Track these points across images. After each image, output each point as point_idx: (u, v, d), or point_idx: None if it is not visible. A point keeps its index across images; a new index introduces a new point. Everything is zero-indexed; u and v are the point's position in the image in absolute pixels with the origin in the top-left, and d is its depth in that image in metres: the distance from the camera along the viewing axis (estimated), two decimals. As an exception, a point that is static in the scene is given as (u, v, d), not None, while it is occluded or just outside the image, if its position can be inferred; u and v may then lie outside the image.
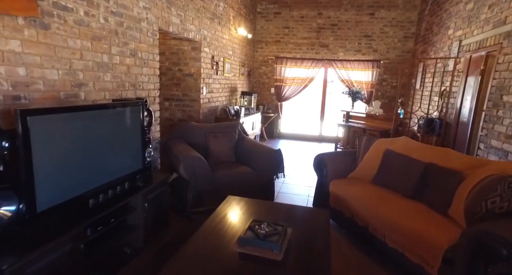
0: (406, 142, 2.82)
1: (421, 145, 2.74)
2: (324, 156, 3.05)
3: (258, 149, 3.27)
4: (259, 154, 3.19)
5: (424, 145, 2.72)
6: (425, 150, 2.65)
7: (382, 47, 6.62)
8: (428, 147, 2.68)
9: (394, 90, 6.74)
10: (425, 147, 2.68)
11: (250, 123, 5.70)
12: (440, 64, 4.63)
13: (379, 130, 5.15)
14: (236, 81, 6.06)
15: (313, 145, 6.90)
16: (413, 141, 2.82)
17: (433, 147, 2.65)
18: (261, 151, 3.21)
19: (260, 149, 3.26)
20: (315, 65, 6.94)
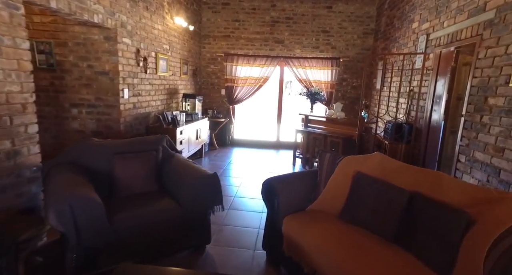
0: (381, 161, 2.12)
1: (400, 165, 2.06)
2: (275, 182, 2.26)
3: (187, 175, 2.38)
4: (187, 182, 2.30)
5: (405, 166, 2.04)
6: (407, 172, 1.97)
7: (341, 44, 6.08)
8: (410, 169, 2.00)
9: (355, 90, 6.24)
10: (407, 169, 2.00)
11: (194, 131, 4.78)
12: (406, 61, 4.12)
13: (342, 136, 4.53)
14: (176, 81, 5.09)
15: (269, 154, 6.15)
16: (390, 160, 2.13)
17: (417, 169, 1.98)
18: (190, 178, 2.33)
19: (188, 175, 2.37)
20: (269, 63, 6.21)
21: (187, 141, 4.47)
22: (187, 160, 2.68)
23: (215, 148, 6.26)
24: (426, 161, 3.58)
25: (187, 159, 2.69)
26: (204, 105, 6.45)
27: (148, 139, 2.68)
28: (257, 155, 5.97)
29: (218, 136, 6.43)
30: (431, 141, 3.52)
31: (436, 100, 3.43)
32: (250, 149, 6.39)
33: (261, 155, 5.94)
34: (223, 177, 4.49)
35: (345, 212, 2.04)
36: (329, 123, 5.12)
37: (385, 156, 2.18)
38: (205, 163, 5.24)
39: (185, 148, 4.41)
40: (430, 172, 1.89)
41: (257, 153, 6.14)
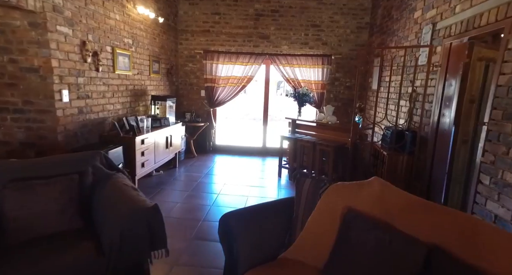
0: (382, 192, 1.50)
1: (411, 200, 1.44)
2: (232, 220, 1.62)
3: (116, 207, 1.73)
4: (113, 219, 1.65)
5: (418, 201, 1.42)
6: (421, 212, 1.35)
7: (333, 40, 5.47)
8: (427, 206, 1.38)
9: (348, 91, 5.64)
10: (421, 206, 1.38)
11: (162, 139, 4.12)
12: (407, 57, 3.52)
13: (333, 145, 3.91)
14: (144, 81, 4.43)
15: (254, 163, 5.50)
16: (395, 191, 1.50)
17: (438, 208, 1.36)
18: (118, 212, 1.68)
19: (118, 207, 1.72)
20: (254, 61, 5.57)
21: (152, 151, 3.81)
22: (126, 183, 2.02)
23: (193, 156, 5.60)
24: (433, 175, 2.97)
25: (126, 183, 2.03)
26: (181, 108, 5.81)
27: (71, 158, 2.02)
28: (240, 164, 5.32)
29: (198, 143, 5.77)
30: (439, 152, 2.92)
31: (445, 103, 2.82)
32: (233, 157, 5.74)
33: (245, 164, 5.30)
34: (196, 192, 3.85)
35: (330, 267, 1.41)
36: (319, 128, 4.49)
37: (388, 185, 1.55)
38: (179, 174, 4.58)
39: (150, 160, 3.75)
40: (458, 215, 1.26)
41: (240, 161, 5.49)
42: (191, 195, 3.74)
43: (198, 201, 3.55)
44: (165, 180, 4.24)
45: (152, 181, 4.15)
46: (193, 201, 3.56)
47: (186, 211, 3.26)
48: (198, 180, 4.33)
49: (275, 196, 3.85)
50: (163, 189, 3.86)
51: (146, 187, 3.85)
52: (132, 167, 3.37)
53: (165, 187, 3.96)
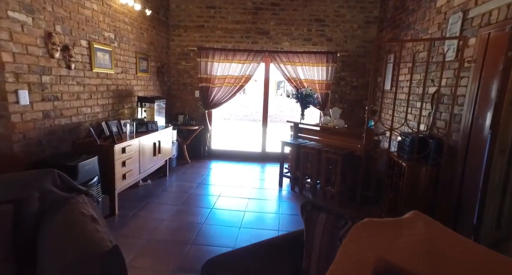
0: (429, 237, 1.04)
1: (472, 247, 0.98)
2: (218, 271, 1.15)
3: (62, 251, 1.27)
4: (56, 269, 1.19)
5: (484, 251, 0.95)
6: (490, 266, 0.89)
7: (339, 35, 5.01)
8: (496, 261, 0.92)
9: (355, 91, 5.18)
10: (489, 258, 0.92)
11: (149, 145, 3.66)
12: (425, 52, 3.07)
13: (342, 152, 3.45)
14: (129, 81, 3.97)
15: (252, 170, 5.04)
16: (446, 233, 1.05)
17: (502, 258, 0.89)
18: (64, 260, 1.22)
19: (64, 251, 1.26)
20: (252, 58, 5.12)
21: (137, 159, 3.35)
22: (85, 211, 1.55)
23: (186, 162, 5.13)
24: (464, 192, 2.51)
25: (86, 210, 1.57)
26: (174, 110, 5.35)
27: (6, 181, 1.55)
28: (237, 171, 4.86)
29: (191, 147, 5.31)
30: (472, 164, 2.45)
31: (479, 106, 2.36)
32: (229, 164, 5.27)
33: (242, 172, 4.84)
34: (187, 205, 3.39)
35: None
36: (324, 133, 4.03)
37: (436, 225, 1.10)
38: (169, 184, 4.12)
39: (133, 170, 3.28)
40: None
41: (237, 168, 5.03)
42: (181, 210, 3.28)
43: (188, 218, 3.09)
44: (153, 191, 3.78)
45: (137, 192, 3.69)
46: (182, 218, 3.10)
47: (173, 231, 2.80)
48: (190, 191, 3.87)
49: (275, 211, 3.38)
50: (149, 203, 3.39)
51: (130, 201, 3.39)
52: (110, 181, 2.91)
53: (152, 200, 3.50)
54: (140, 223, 2.90)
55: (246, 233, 2.83)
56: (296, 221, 3.12)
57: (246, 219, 3.14)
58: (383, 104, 4.34)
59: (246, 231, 2.88)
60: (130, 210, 3.17)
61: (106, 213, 2.99)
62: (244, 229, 2.92)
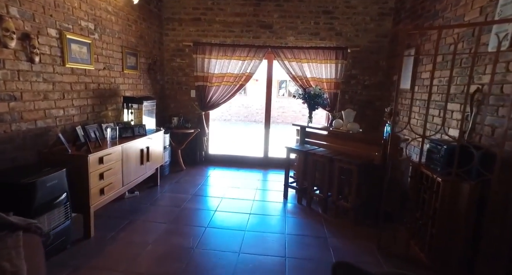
0: None
1: None
2: None
3: None
4: None
5: None
6: None
7: (349, 29, 4.52)
8: None
9: (367, 91, 4.69)
10: None
11: (135, 153, 3.18)
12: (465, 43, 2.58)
13: (358, 161, 2.96)
14: (114, 79, 3.49)
15: (254, 178, 4.55)
16: None
17: None
18: None
19: None
20: (253, 55, 4.63)
21: (119, 170, 2.86)
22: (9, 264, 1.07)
23: (181, 169, 4.65)
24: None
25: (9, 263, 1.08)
26: (168, 111, 4.88)
27: None
28: (237, 179, 4.37)
29: (187, 153, 4.83)
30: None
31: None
32: (228, 171, 4.79)
33: (243, 180, 4.35)
34: (177, 223, 2.91)
35: None
36: (336, 139, 3.55)
37: None
38: (160, 195, 3.63)
39: (115, 182, 2.80)
40: None
41: (237, 176, 4.54)
42: (170, 230, 2.80)
43: (177, 241, 2.60)
44: (140, 205, 3.30)
45: (121, 207, 3.20)
46: (171, 240, 2.61)
47: (157, 260, 2.31)
48: (183, 204, 3.38)
49: (280, 230, 2.89)
50: (133, 221, 2.91)
51: (111, 218, 2.91)
52: (84, 197, 2.43)
53: (137, 216, 3.01)
54: (118, 249, 2.42)
55: (246, 260, 2.34)
56: (305, 244, 2.64)
57: (247, 241, 2.65)
58: (402, 105, 3.85)
59: (246, 257, 2.39)
60: (109, 230, 2.69)
61: (78, 236, 2.50)
62: (244, 255, 2.43)
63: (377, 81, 4.60)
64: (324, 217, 3.22)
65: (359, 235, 2.84)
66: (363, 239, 2.77)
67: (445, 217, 2.23)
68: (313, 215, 3.28)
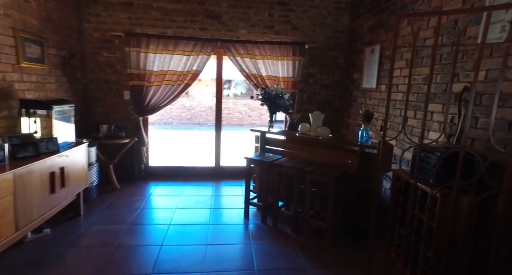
0: None
1: None
2: None
3: None
4: None
5: None
6: None
7: (306, 23, 4.14)
8: None
9: (326, 91, 4.37)
10: None
11: (42, 178, 2.27)
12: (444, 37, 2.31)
13: (334, 173, 2.53)
14: (4, 74, 2.49)
15: (206, 192, 3.87)
16: None
17: None
18: None
19: None
20: (200, 49, 3.95)
21: (9, 210, 1.95)
22: None
23: (114, 189, 3.74)
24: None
25: None
26: (93, 117, 3.92)
27: None
28: (185, 197, 3.64)
29: (122, 167, 3.93)
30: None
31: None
32: (174, 186, 4.02)
33: (192, 197, 3.64)
34: (107, 274, 2.11)
35: None
36: (303, 145, 3.09)
37: None
38: (84, 230, 2.74)
39: (2, 229, 1.89)
40: None
41: (185, 192, 3.81)
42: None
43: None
44: (51, 249, 2.39)
45: (18, 258, 2.26)
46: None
47: None
48: (117, 240, 2.56)
49: (248, 265, 2.30)
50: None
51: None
52: None
53: (44, 269, 2.12)
54: None
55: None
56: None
57: (207, 289, 2.00)
58: (366, 105, 3.58)
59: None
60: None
61: None
62: (206, 313, 1.78)
63: (336, 80, 4.31)
64: (296, 239, 2.73)
65: (341, 261, 2.40)
66: (346, 265, 2.34)
67: (444, 238, 1.90)
68: (282, 237, 2.77)
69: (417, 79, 2.63)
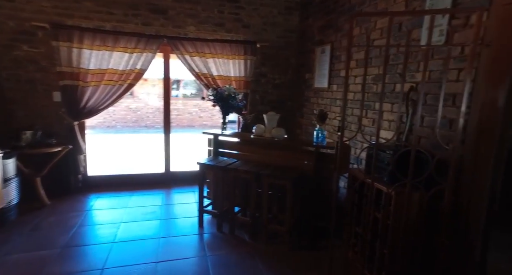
0: None
1: None
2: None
3: None
4: None
5: None
6: None
7: (257, 22, 4.05)
8: None
9: (278, 91, 4.34)
10: None
11: None
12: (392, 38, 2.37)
13: (291, 176, 2.46)
14: None
15: (156, 202, 3.56)
16: None
17: None
18: None
19: None
20: (144, 46, 3.62)
21: None
22: None
23: (42, 206, 3.23)
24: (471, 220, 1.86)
25: None
26: (13, 122, 3.36)
27: None
28: (131, 208, 3.29)
29: (54, 180, 3.41)
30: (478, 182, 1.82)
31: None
32: (118, 197, 3.62)
33: (140, 208, 3.30)
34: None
35: None
36: (258, 148, 2.99)
37: None
38: (1, 260, 2.27)
39: None
40: None
41: (132, 203, 3.45)
42: None
43: None
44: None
45: None
46: None
47: None
48: (42, 272, 2.16)
49: (206, 281, 2.12)
50: None
51: None
52: None
53: None
54: None
55: None
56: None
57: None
58: (318, 105, 3.61)
59: None
60: None
61: None
62: None
63: (288, 79, 4.30)
64: (254, 246, 2.61)
65: (302, 265, 2.34)
66: (308, 268, 2.29)
67: (398, 235, 1.94)
68: (240, 245, 2.62)
69: (367, 79, 2.68)
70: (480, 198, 1.79)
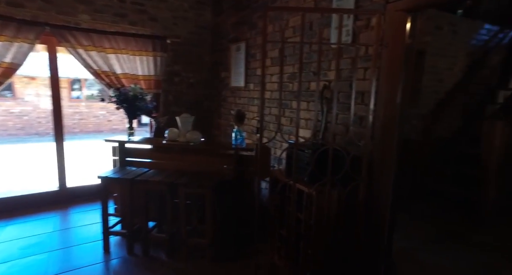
0: None
1: None
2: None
3: None
4: None
5: None
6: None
7: (166, 15, 3.68)
8: None
9: (193, 90, 4.05)
10: None
11: None
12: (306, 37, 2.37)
13: (208, 183, 2.25)
14: None
15: (47, 228, 2.88)
16: None
17: None
18: None
19: None
20: (15, 34, 2.87)
21: None
22: None
23: None
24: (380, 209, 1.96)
25: None
26: None
27: None
28: (15, 240, 2.58)
29: None
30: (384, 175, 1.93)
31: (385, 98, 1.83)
32: None
33: (26, 240, 2.61)
34: None
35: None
36: (171, 154, 2.68)
37: None
38: None
39: None
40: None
41: (15, 233, 2.71)
42: None
43: None
44: None
45: None
46: None
47: None
48: None
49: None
50: None
51: None
52: None
53: None
54: None
55: None
56: None
57: None
58: (236, 105, 3.48)
59: None
60: None
61: None
62: None
63: (203, 78, 4.06)
64: (173, 265, 2.31)
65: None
66: (232, 283, 2.11)
67: (322, 234, 1.93)
68: (156, 267, 2.29)
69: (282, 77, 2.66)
70: (387, 187, 1.91)
